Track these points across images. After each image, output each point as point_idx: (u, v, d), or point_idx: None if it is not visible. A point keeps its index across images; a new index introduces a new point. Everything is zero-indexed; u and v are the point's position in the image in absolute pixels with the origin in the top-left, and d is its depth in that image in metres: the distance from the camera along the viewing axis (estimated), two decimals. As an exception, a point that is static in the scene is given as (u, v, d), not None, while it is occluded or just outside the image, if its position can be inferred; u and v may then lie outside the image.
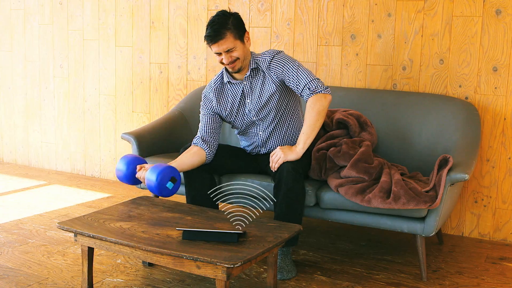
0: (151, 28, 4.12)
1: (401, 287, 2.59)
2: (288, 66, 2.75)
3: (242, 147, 3.08)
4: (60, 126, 4.66)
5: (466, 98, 3.21)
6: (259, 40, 3.74)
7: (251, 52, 2.82)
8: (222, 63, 2.75)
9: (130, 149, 4.28)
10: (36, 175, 4.57)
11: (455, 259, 2.95)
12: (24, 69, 4.77)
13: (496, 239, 3.25)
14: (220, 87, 2.91)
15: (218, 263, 1.99)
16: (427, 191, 2.56)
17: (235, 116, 2.91)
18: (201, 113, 2.94)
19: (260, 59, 2.81)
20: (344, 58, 3.50)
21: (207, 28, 2.70)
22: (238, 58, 2.72)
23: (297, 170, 2.65)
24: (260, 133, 2.92)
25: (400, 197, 2.53)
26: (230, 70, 2.79)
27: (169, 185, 2.55)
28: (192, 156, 2.79)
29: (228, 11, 2.74)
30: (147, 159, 3.24)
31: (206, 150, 2.81)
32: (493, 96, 3.15)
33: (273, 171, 2.72)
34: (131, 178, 2.72)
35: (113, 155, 4.42)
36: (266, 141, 2.93)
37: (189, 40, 4.00)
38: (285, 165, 2.65)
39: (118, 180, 4.38)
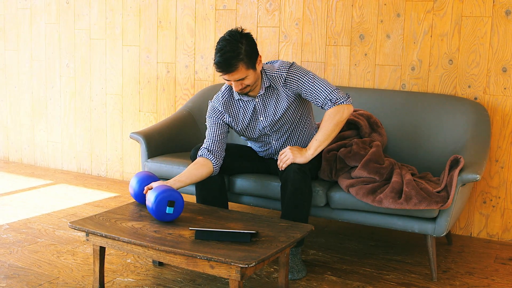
0: (159, 27, 4.12)
1: (412, 287, 2.60)
2: (304, 80, 2.66)
3: (252, 147, 3.06)
4: (67, 126, 4.65)
5: (475, 98, 3.21)
6: (267, 40, 3.73)
7: (262, 67, 2.69)
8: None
9: (138, 148, 4.28)
10: (43, 174, 4.57)
11: (464, 260, 2.95)
12: (31, 68, 4.76)
13: (505, 240, 3.25)
14: (228, 101, 2.79)
15: (232, 263, 1.99)
16: (438, 192, 2.56)
17: (245, 129, 2.83)
18: (207, 121, 2.83)
19: (274, 75, 2.68)
20: (352, 58, 3.49)
21: (216, 53, 2.49)
22: (248, 85, 2.61)
23: (304, 171, 2.64)
24: (273, 142, 2.86)
25: (411, 197, 2.53)
26: (238, 92, 2.66)
27: (168, 210, 2.34)
28: (199, 168, 2.68)
29: (240, 31, 2.54)
30: (156, 159, 3.23)
31: (213, 161, 2.71)
32: (502, 96, 3.15)
33: (280, 170, 2.71)
34: (140, 197, 2.60)
35: (120, 154, 4.42)
36: (279, 149, 2.87)
37: (197, 40, 3.99)
38: (291, 165, 2.64)
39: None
